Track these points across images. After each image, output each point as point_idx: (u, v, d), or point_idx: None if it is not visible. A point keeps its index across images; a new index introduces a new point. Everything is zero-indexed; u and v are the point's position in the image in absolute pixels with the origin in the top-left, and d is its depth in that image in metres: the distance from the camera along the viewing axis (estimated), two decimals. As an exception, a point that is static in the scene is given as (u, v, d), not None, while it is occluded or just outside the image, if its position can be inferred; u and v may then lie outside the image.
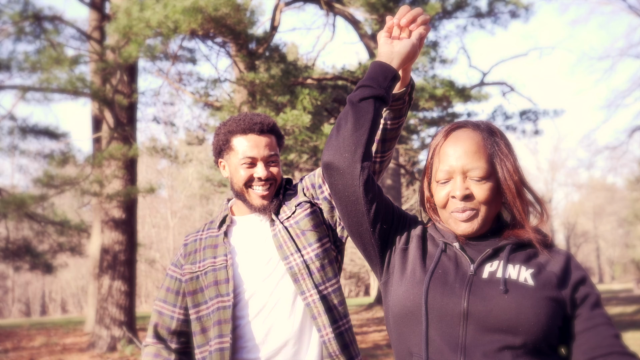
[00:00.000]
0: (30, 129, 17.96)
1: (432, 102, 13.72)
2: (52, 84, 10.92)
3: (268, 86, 11.11)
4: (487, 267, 1.90)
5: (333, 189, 1.97)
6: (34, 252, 18.13)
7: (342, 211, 1.98)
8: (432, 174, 2.02)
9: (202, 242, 2.86)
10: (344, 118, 1.95)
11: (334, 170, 1.93)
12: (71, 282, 42.74)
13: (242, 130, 2.85)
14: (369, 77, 2.00)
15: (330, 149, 1.94)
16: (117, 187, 13.08)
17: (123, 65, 11.32)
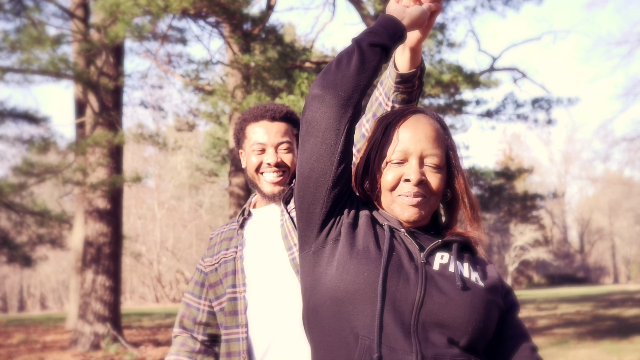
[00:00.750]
0: (9, 112, 17.95)
1: (439, 88, 13.76)
2: (32, 64, 10.93)
3: (264, 69, 11.15)
4: (438, 258, 1.95)
5: (312, 123, 1.90)
6: (11, 243, 18.15)
7: (311, 151, 1.91)
8: (380, 153, 2.03)
9: (221, 235, 3.06)
10: (347, 57, 1.92)
11: (322, 103, 1.88)
12: (51, 276, 42.82)
13: (254, 117, 3.01)
14: (380, 25, 1.99)
15: (325, 81, 1.89)
16: (102, 175, 13.12)
17: (109, 45, 11.33)
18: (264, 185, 2.99)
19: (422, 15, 2.10)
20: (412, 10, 2.07)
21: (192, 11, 10.96)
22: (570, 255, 64.32)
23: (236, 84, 12.98)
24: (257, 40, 12.71)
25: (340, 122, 1.88)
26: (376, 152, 2.04)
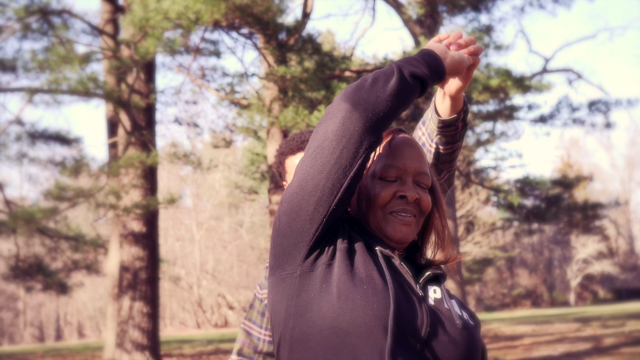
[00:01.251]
0: (40, 134, 18.29)
1: (487, 94, 13.67)
2: (61, 84, 11.14)
3: (301, 81, 11.19)
4: (431, 292, 1.98)
5: (329, 137, 1.84)
6: (46, 270, 18.44)
7: (321, 168, 1.85)
8: (373, 169, 2.04)
9: None
10: (384, 78, 1.88)
11: (347, 120, 1.82)
12: (88, 303, 43.33)
13: (291, 150, 3.07)
14: (423, 58, 1.97)
15: (356, 97, 1.83)
16: (136, 197, 13.27)
17: (139, 62, 11.49)
18: None
19: (463, 61, 2.10)
20: (454, 53, 2.07)
21: (224, 23, 11.06)
22: (638, 268, 63.19)
23: (273, 97, 13.06)
24: (293, 51, 12.78)
25: (361, 144, 1.84)
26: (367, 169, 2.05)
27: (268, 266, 1.99)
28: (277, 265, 1.93)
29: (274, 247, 1.95)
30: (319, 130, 1.87)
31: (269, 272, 1.97)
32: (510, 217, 28.01)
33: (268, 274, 1.99)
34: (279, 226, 1.91)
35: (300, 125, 11.07)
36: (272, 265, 1.95)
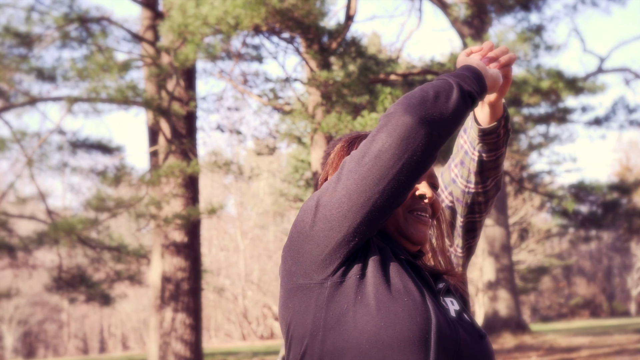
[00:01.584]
0: (81, 143, 18.57)
1: (537, 96, 13.55)
2: (100, 93, 11.31)
3: (343, 86, 11.21)
4: (449, 303, 1.99)
5: (388, 153, 1.80)
6: (89, 281, 18.68)
7: (376, 181, 1.81)
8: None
9: None
10: (445, 94, 1.86)
11: (412, 138, 1.79)
12: (132, 314, 43.80)
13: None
14: (471, 73, 1.97)
15: (423, 112, 1.80)
16: (177, 207, 13.40)
17: (179, 69, 11.62)
18: None
19: (497, 79, 2.12)
20: (492, 71, 2.09)
21: (265, 27, 11.12)
22: (703, 275, 61.98)
23: (316, 103, 13.09)
24: (335, 55, 12.81)
25: (423, 162, 1.84)
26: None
27: (284, 271, 1.93)
28: (301, 273, 1.88)
29: (298, 252, 1.89)
30: (376, 140, 1.81)
31: (286, 278, 1.92)
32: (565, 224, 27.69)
33: (284, 279, 1.93)
34: (310, 232, 1.86)
35: (343, 131, 11.09)
36: (293, 272, 1.90)
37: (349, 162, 1.84)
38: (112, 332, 47.13)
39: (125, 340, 46.45)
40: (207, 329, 43.77)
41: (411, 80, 17.11)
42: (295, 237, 1.89)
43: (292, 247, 1.90)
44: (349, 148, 2.11)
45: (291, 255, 1.90)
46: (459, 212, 2.89)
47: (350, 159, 1.85)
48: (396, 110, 1.81)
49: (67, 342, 46.20)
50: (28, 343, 45.74)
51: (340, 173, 1.84)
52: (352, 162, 1.83)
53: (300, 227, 1.88)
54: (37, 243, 16.40)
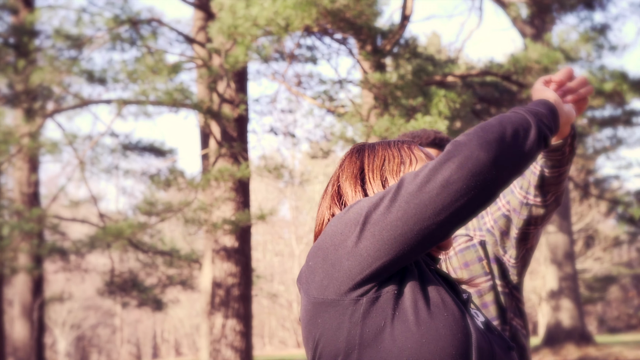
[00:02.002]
0: (134, 146, 18.87)
1: (601, 98, 13.40)
2: (149, 95, 11.50)
3: (397, 88, 11.22)
4: (474, 313, 2.00)
5: (457, 192, 1.77)
6: (141, 286, 18.95)
7: (438, 213, 1.79)
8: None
9: None
10: (523, 133, 1.85)
11: (485, 181, 1.78)
12: (185, 320, 44.27)
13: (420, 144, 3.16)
14: (547, 110, 1.96)
15: (498, 149, 1.79)
16: (228, 211, 13.53)
17: (229, 71, 11.75)
18: None
19: (570, 117, 2.14)
20: (567, 107, 2.11)
21: (316, 28, 11.18)
22: None
23: (370, 105, 13.12)
24: (390, 56, 12.83)
25: (488, 200, 1.83)
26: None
27: (312, 283, 1.90)
28: (334, 288, 1.85)
29: (334, 266, 1.85)
30: (444, 169, 1.78)
31: (314, 291, 1.88)
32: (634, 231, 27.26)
33: (311, 292, 1.90)
34: (353, 248, 1.82)
35: (395, 134, 11.10)
36: (325, 286, 1.86)
37: (409, 184, 1.80)
38: (165, 337, 47.68)
39: (178, 346, 46.97)
40: (260, 336, 44.03)
41: (469, 81, 17.03)
42: (331, 249, 1.86)
43: (325, 259, 1.87)
44: (359, 154, 2.12)
45: (324, 268, 1.87)
46: (515, 222, 2.91)
47: (410, 181, 1.80)
48: (470, 142, 1.79)
49: (119, 347, 46.87)
50: (81, 347, 46.53)
51: (396, 193, 1.80)
52: (412, 185, 1.80)
53: (339, 240, 1.84)
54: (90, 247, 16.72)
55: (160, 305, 19.46)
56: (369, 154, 2.09)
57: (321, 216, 2.07)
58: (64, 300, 28.19)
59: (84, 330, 44.64)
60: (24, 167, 18.51)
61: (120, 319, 46.19)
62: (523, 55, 13.64)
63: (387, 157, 2.06)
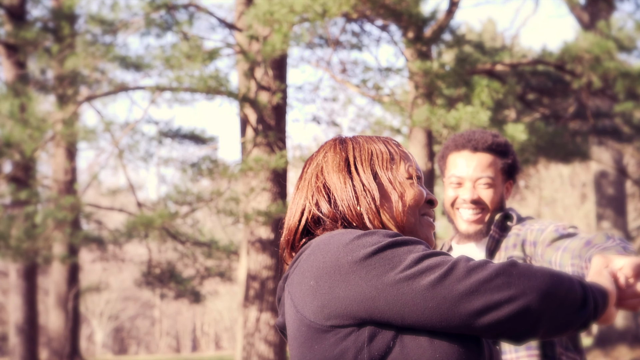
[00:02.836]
0: (174, 133, 19.07)
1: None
2: (183, 82, 11.68)
3: (437, 77, 11.25)
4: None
5: (507, 317, 1.76)
6: (179, 277, 19.15)
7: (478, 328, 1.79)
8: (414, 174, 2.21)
9: None
10: (580, 306, 1.83)
11: (534, 320, 1.78)
12: (224, 313, 44.63)
13: (456, 146, 3.30)
14: (602, 298, 1.91)
15: (552, 306, 1.78)
16: (264, 202, 13.64)
17: (267, 58, 11.87)
18: (460, 223, 3.26)
19: (612, 316, 2.00)
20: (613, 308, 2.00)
21: (355, 15, 11.27)
22: None
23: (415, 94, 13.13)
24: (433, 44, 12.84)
25: (516, 337, 1.85)
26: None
27: (307, 304, 1.87)
28: (338, 313, 1.83)
29: (345, 299, 1.82)
30: (493, 293, 1.75)
31: (314, 315, 1.85)
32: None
33: (309, 314, 1.86)
34: (388, 286, 1.78)
35: (435, 125, 11.13)
36: (327, 311, 1.84)
37: (457, 281, 1.76)
38: (205, 330, 48.13)
39: (218, 339, 47.36)
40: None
41: (521, 70, 16.93)
42: (344, 275, 1.83)
43: (335, 282, 1.83)
44: (343, 146, 2.14)
45: (331, 293, 1.84)
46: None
47: (460, 277, 1.77)
48: (529, 281, 1.78)
49: (158, 339, 47.41)
50: (119, 339, 47.18)
51: (442, 278, 1.76)
52: (459, 284, 1.76)
53: (382, 273, 1.80)
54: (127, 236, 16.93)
55: (198, 297, 19.63)
56: (354, 146, 2.12)
57: (299, 207, 2.09)
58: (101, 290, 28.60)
59: (122, 321, 45.23)
60: (60, 155, 18.85)
61: (159, 311, 46.73)
62: (574, 43, 13.55)
63: (374, 151, 2.10)
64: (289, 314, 1.95)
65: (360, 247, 1.82)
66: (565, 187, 35.99)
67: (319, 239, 1.95)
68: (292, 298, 1.92)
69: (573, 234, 2.92)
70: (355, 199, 2.03)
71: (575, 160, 17.55)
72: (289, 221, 2.12)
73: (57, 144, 16.93)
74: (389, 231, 1.87)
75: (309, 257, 1.90)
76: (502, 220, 3.24)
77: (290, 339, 1.95)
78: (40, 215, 14.02)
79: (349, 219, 2.02)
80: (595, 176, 24.00)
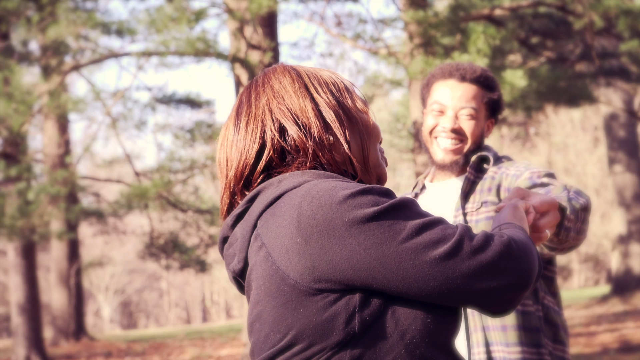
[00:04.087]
0: (168, 98, 19.06)
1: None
2: (169, 46, 11.66)
3: (431, 26, 11.21)
4: None
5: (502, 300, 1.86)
6: (182, 247, 19.24)
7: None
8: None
9: None
10: (533, 254, 1.96)
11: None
12: (233, 281, 44.83)
13: (443, 74, 3.27)
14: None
15: (536, 280, 1.92)
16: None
17: (254, 16, 11.83)
18: (436, 152, 3.24)
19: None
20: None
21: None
22: None
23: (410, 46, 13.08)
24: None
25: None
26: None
27: (293, 263, 1.79)
28: (330, 274, 1.78)
29: (339, 264, 1.77)
30: (496, 277, 1.81)
31: (300, 275, 1.79)
32: None
33: (294, 274, 1.79)
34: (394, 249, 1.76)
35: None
36: (319, 272, 1.78)
37: (466, 257, 1.78)
38: (214, 300, 48.40)
39: (229, 308, 47.65)
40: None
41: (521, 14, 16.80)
42: (340, 232, 1.77)
43: (332, 240, 1.77)
44: (295, 72, 2.01)
45: (326, 251, 1.78)
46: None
47: (468, 255, 1.78)
48: (529, 268, 1.86)
49: (167, 311, 47.74)
50: (127, 313, 47.53)
51: (454, 251, 1.77)
52: (469, 260, 1.78)
53: (388, 235, 1.76)
54: (127, 208, 16.92)
55: (204, 267, 19.70)
56: (307, 73, 2.02)
57: (255, 137, 1.95)
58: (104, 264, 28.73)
59: (129, 295, 45.54)
60: (51, 128, 18.88)
61: (166, 283, 47.02)
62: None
63: (329, 79, 2.02)
64: (261, 267, 1.84)
65: (357, 207, 1.75)
66: (576, 131, 35.91)
67: (298, 185, 1.85)
68: (270, 251, 1.82)
69: (546, 184, 2.94)
70: (324, 128, 1.94)
71: (583, 104, 17.48)
72: (242, 154, 1.95)
73: (46, 117, 16.93)
74: (382, 188, 1.82)
75: (291, 208, 1.80)
76: (479, 162, 3.25)
77: (263, 295, 1.84)
78: (32, 191, 14.06)
79: (318, 153, 1.91)
80: (605, 119, 23.95)
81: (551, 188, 2.87)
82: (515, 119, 22.08)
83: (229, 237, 1.99)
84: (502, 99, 3.34)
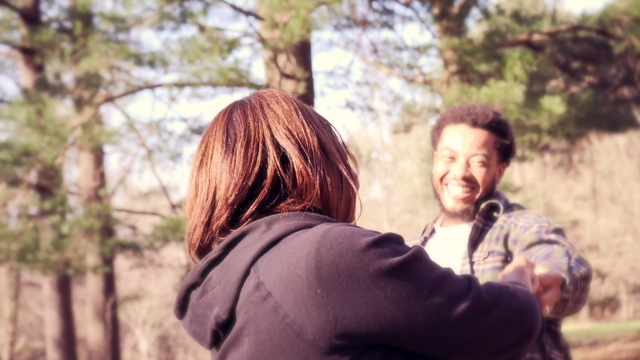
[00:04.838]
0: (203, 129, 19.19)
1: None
2: (202, 77, 11.77)
3: (466, 53, 11.23)
4: None
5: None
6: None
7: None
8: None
9: None
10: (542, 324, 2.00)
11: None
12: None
13: (454, 118, 3.23)
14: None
15: (541, 334, 1.95)
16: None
17: (287, 45, 11.92)
18: (447, 200, 3.21)
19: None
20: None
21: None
22: None
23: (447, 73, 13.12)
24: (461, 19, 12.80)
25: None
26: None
27: (312, 317, 1.65)
28: (352, 339, 1.68)
29: (365, 317, 1.66)
30: (509, 331, 1.81)
31: (319, 331, 1.65)
32: None
33: (310, 329, 1.65)
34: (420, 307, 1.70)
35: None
36: (342, 334, 1.66)
37: (476, 307, 1.75)
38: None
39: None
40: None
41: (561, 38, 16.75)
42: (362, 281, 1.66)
43: (361, 298, 1.66)
44: (286, 100, 1.88)
45: (354, 312, 1.66)
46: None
47: (477, 306, 1.75)
48: (535, 322, 1.87)
49: (206, 345, 47.59)
50: (165, 347, 47.57)
51: (472, 303, 1.74)
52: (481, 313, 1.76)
53: (407, 285, 1.68)
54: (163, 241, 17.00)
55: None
56: (295, 106, 1.88)
57: (252, 162, 1.78)
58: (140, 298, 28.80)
59: (166, 328, 45.57)
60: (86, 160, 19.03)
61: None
62: (612, 5, 13.43)
63: (312, 113, 1.90)
64: (266, 320, 1.68)
65: (381, 256, 1.65)
66: (622, 158, 35.51)
67: (298, 229, 1.73)
68: (279, 302, 1.66)
69: (553, 241, 2.90)
70: (327, 164, 1.83)
71: (626, 129, 17.37)
72: (239, 177, 1.77)
73: (80, 149, 17.09)
74: (396, 235, 1.72)
75: (306, 255, 1.66)
76: (488, 210, 3.23)
77: (268, 352, 1.68)
78: (66, 224, 14.18)
79: (317, 191, 1.78)
80: (651, 145, 23.72)
81: (555, 249, 2.82)
82: (557, 146, 21.95)
83: (201, 284, 1.79)
84: (514, 144, 3.33)
